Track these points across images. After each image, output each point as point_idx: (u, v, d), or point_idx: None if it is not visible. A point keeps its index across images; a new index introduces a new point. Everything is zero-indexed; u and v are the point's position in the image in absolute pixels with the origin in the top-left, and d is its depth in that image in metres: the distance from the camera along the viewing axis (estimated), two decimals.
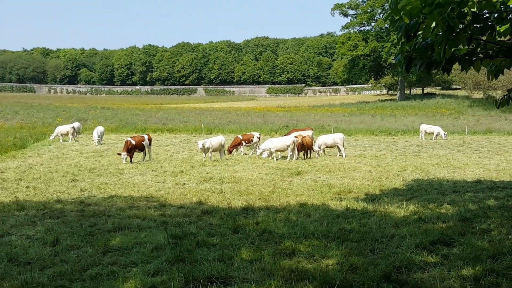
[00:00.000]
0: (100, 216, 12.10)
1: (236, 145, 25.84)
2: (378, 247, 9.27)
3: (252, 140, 26.35)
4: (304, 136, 24.53)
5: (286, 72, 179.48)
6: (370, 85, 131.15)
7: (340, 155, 25.02)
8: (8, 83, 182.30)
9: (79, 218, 11.90)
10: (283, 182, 17.40)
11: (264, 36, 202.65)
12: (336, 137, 25.42)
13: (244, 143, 26.05)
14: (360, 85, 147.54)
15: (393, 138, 36.80)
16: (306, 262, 8.33)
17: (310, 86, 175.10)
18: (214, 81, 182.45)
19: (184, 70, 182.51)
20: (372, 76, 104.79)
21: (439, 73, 79.83)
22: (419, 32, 6.80)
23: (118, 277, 7.77)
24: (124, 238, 9.94)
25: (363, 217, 11.73)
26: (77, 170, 19.75)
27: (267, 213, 12.23)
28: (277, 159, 23.62)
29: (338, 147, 25.29)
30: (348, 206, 13.03)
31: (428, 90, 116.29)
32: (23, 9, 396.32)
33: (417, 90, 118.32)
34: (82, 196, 14.77)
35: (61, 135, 31.59)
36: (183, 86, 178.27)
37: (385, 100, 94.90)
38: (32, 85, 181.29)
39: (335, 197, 14.54)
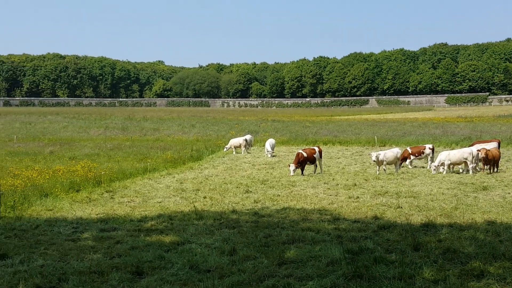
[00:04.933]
0: (274, 227, 12.29)
1: (403, 158, 24.26)
2: None
3: (423, 153, 24.67)
4: (490, 149, 22.45)
5: (467, 80, 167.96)
6: None
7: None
8: (186, 98, 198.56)
9: (254, 229, 12.21)
10: (467, 197, 16.11)
11: (443, 43, 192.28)
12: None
13: (413, 156, 24.45)
14: None
15: None
16: (497, 285, 7.79)
17: (496, 94, 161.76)
18: (387, 91, 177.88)
19: (356, 81, 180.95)
20: None
21: None
22: None
23: None
24: (298, 251, 9.91)
25: None
26: (250, 181, 20.41)
27: (451, 231, 11.47)
28: (457, 173, 21.88)
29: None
30: None
31: None
32: (199, 28, 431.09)
33: None
34: (255, 207, 15.18)
35: (234, 147, 33.10)
36: (354, 97, 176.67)
37: None
38: (207, 99, 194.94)
39: None
